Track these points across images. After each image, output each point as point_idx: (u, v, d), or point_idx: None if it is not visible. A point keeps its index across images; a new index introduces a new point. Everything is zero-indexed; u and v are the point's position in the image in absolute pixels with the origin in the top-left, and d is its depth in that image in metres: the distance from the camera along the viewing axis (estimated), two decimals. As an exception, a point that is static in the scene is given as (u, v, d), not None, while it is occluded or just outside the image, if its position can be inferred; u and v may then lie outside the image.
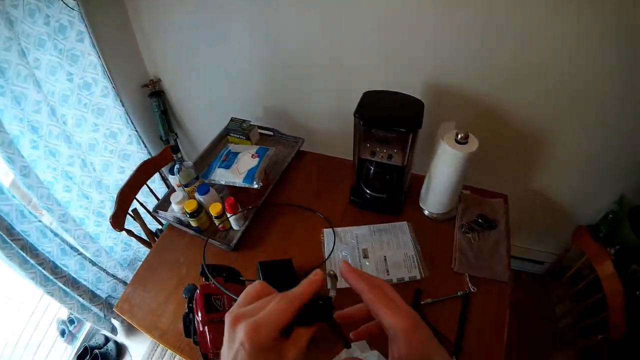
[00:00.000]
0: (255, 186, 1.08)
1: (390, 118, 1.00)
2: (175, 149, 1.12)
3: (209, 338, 0.75)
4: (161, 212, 1.24)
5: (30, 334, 1.88)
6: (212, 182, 1.16)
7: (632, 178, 1.39)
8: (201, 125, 1.90)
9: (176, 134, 1.90)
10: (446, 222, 1.16)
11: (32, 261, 1.32)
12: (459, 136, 0.98)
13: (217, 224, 1.13)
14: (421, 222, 1.16)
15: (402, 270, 1.05)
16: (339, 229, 1.12)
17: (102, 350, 1.86)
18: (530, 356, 1.37)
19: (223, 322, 0.74)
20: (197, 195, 1.13)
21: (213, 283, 0.81)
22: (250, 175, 1.10)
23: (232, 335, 0.34)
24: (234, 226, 1.13)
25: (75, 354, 1.86)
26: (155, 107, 1.75)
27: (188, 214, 1.11)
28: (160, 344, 1.03)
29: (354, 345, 0.87)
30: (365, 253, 1.07)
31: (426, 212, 1.17)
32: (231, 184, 1.12)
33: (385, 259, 1.06)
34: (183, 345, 0.97)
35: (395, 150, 1.02)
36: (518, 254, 1.83)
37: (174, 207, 1.19)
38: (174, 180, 1.25)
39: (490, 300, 1.02)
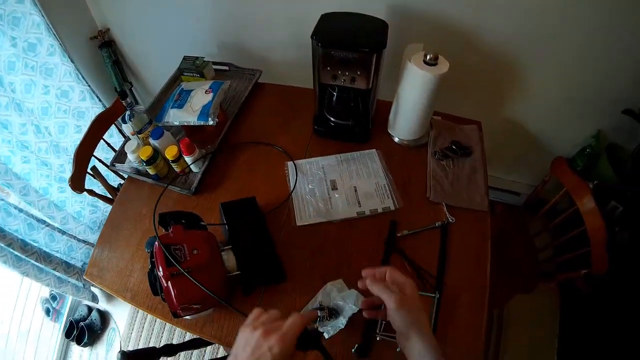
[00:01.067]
0: (211, 122, 1.00)
1: (351, 38, 0.92)
2: (123, 94, 1.03)
3: (173, 294, 0.69)
4: (118, 165, 1.16)
5: (18, 321, 1.84)
6: (167, 124, 1.08)
7: (609, 114, 1.36)
8: (155, 71, 1.79)
9: (131, 83, 1.78)
10: (417, 149, 1.11)
11: (0, 244, 1.28)
12: (428, 57, 0.93)
13: (175, 169, 1.06)
14: (391, 149, 1.10)
15: (375, 200, 1.00)
16: (303, 161, 1.06)
17: (87, 321, 1.82)
18: (513, 289, 1.36)
19: (185, 274, 0.69)
20: (151, 140, 1.05)
21: (171, 232, 0.76)
22: (204, 112, 1.02)
23: (260, 343, 0.47)
24: (194, 169, 1.06)
25: (63, 331, 1.82)
26: (106, 59, 1.63)
27: (144, 162, 1.03)
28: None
29: (330, 285, 0.85)
30: (334, 184, 1.02)
31: (396, 139, 1.12)
32: (186, 124, 1.04)
33: (355, 190, 1.01)
34: (155, 304, 0.92)
35: (358, 73, 0.95)
36: (492, 184, 1.81)
37: (130, 156, 1.11)
38: (127, 129, 1.15)
39: (470, 230, 0.99)
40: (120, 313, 1.82)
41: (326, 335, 0.77)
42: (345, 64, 0.93)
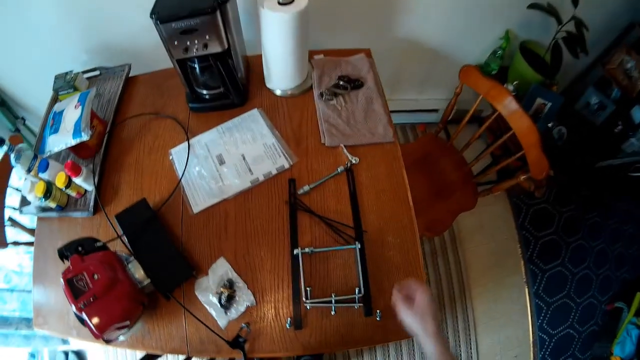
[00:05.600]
0: (85, 137, 0.96)
1: (187, 4, 0.86)
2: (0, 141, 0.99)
3: (92, 324, 0.71)
4: (25, 209, 1.12)
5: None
6: (50, 153, 1.04)
7: (514, 12, 1.32)
8: (40, 97, 1.64)
9: (23, 118, 1.69)
10: (303, 95, 1.08)
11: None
12: (280, -3, 0.87)
13: (72, 194, 1.03)
14: (275, 104, 1.07)
15: (266, 163, 0.97)
16: (184, 145, 1.02)
17: (67, 368, 1.81)
18: (455, 208, 1.31)
19: (95, 300, 0.70)
20: (40, 175, 1.01)
21: (70, 265, 0.77)
22: (77, 129, 0.97)
23: None
24: (87, 188, 1.03)
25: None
26: (-10, 106, 1.55)
27: (42, 198, 1.00)
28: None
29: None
30: (221, 159, 0.99)
31: (277, 92, 1.08)
32: (64, 147, 1.00)
33: (243, 157, 0.98)
34: (99, 336, 0.91)
35: (207, 37, 0.90)
36: (407, 107, 1.78)
37: (29, 197, 1.07)
38: (19, 171, 1.12)
39: (379, 166, 0.96)
40: (94, 348, 1.79)
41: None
42: (191, 33, 0.88)
